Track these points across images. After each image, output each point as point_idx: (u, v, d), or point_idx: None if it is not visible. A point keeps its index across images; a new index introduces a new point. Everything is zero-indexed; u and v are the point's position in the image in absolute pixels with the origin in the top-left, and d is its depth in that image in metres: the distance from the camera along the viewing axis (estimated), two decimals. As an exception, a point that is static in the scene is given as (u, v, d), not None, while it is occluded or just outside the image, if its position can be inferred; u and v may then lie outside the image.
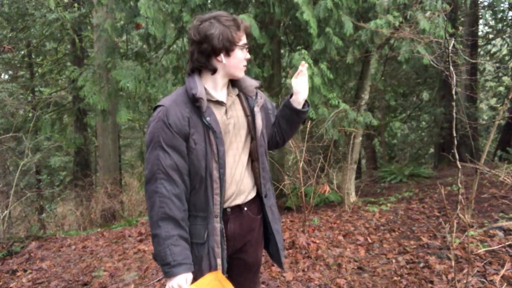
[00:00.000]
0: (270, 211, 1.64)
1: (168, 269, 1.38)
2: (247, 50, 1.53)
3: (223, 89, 1.55)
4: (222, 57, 1.45)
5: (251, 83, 1.58)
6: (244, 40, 1.50)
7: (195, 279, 1.45)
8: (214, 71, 1.48)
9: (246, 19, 1.63)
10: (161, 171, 1.40)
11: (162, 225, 1.39)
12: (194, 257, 1.46)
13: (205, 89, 1.48)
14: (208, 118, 1.44)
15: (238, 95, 1.60)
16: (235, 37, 1.44)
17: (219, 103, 1.51)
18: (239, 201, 1.56)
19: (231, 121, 1.52)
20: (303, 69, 1.58)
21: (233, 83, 1.58)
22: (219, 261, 1.47)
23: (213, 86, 1.51)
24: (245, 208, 1.58)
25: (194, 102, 1.43)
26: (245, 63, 1.53)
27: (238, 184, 1.55)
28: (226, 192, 1.51)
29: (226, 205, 1.53)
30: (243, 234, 1.59)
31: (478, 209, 4.49)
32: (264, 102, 1.66)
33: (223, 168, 1.46)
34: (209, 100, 1.48)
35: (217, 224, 1.46)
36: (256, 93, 1.60)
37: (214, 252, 1.46)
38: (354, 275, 3.12)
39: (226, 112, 1.52)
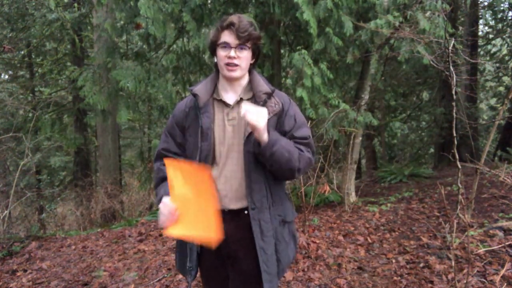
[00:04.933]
0: (257, 226, 1.50)
1: (158, 202, 1.52)
2: (234, 47, 1.47)
3: (236, 90, 1.56)
4: (215, 58, 1.56)
5: (261, 89, 1.55)
6: (223, 38, 1.48)
7: (177, 259, 1.66)
8: (218, 71, 1.59)
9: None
10: (159, 151, 1.64)
11: (158, 188, 1.58)
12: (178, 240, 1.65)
13: (217, 88, 1.59)
14: (202, 114, 1.53)
15: (251, 99, 1.55)
16: (215, 36, 1.51)
17: (223, 103, 1.56)
18: (234, 206, 1.53)
19: (232, 123, 1.53)
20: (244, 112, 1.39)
21: (252, 86, 1.57)
22: (188, 250, 1.57)
23: (223, 86, 1.58)
24: (246, 212, 1.54)
25: (194, 97, 1.55)
26: (226, 61, 1.48)
27: (233, 187, 1.52)
28: (219, 191, 1.53)
29: (222, 205, 1.53)
30: (239, 237, 1.55)
31: (478, 209, 4.49)
32: (281, 111, 1.54)
33: (202, 161, 1.52)
34: (214, 99, 1.57)
35: None
36: (265, 100, 1.52)
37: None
38: (354, 275, 3.12)
39: (228, 113, 1.54)
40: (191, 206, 1.43)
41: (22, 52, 10.30)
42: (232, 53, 1.47)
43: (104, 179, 8.35)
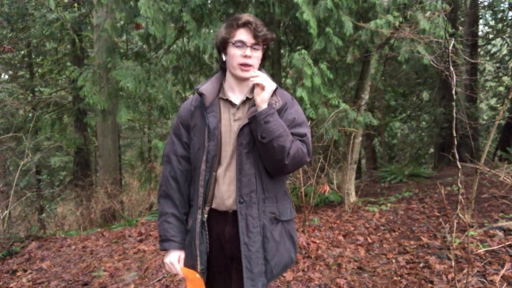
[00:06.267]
0: (243, 221, 1.46)
1: (159, 243, 1.58)
2: (249, 46, 1.45)
3: (243, 90, 1.54)
4: (223, 55, 1.53)
5: None
6: (239, 36, 1.45)
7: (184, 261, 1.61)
8: (224, 70, 1.57)
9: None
10: (165, 155, 1.61)
11: (161, 202, 1.59)
12: (186, 242, 1.59)
13: (222, 87, 1.56)
14: (208, 114, 1.50)
15: (253, 97, 1.52)
16: (228, 34, 1.47)
17: (229, 102, 1.54)
18: (236, 207, 1.48)
19: (238, 123, 1.50)
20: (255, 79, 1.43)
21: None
22: (198, 252, 1.52)
23: (230, 86, 1.56)
24: None
25: (200, 96, 1.53)
26: (240, 60, 1.46)
27: (233, 187, 1.49)
28: (221, 191, 1.50)
29: (225, 207, 1.51)
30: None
31: (478, 209, 4.49)
32: (281, 109, 1.51)
33: (210, 162, 1.49)
34: (220, 98, 1.55)
35: (199, 216, 1.51)
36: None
37: (195, 243, 1.52)
38: (354, 275, 3.12)
39: (234, 113, 1.52)
40: None
41: (22, 52, 10.30)
42: (248, 51, 1.45)
43: (104, 179, 8.35)
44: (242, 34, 1.45)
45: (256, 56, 1.48)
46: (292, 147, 1.44)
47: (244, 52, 1.45)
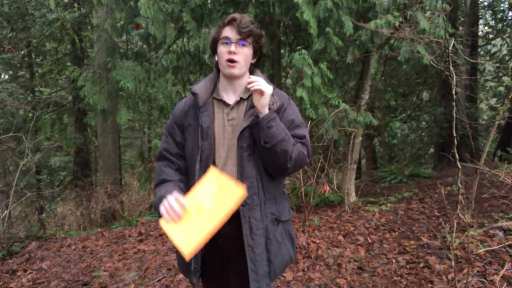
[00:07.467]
0: (246, 223, 1.46)
1: (160, 202, 1.40)
2: (234, 42, 1.45)
3: (236, 90, 1.54)
4: (215, 56, 1.54)
5: None
6: (225, 33, 1.47)
7: (179, 260, 1.58)
8: (218, 70, 1.57)
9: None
10: (160, 152, 1.61)
11: (159, 185, 1.53)
12: None
13: (217, 87, 1.56)
14: (202, 113, 1.50)
15: (248, 98, 1.53)
16: (217, 33, 1.50)
17: (223, 102, 1.54)
18: None
19: (232, 123, 1.50)
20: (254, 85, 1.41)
21: None
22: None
23: (223, 86, 1.56)
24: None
25: (193, 95, 1.53)
26: (226, 56, 1.46)
27: None
28: None
29: None
30: (240, 238, 1.48)
31: (478, 209, 4.49)
32: (279, 110, 1.50)
33: (203, 161, 1.48)
34: (214, 98, 1.55)
35: None
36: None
37: None
38: (354, 275, 3.12)
39: (228, 113, 1.52)
40: (197, 216, 1.36)
41: (22, 52, 10.28)
42: (233, 47, 1.45)
43: (104, 179, 8.35)
44: (228, 31, 1.47)
45: (242, 53, 1.47)
46: (294, 151, 1.45)
47: (229, 49, 1.45)
